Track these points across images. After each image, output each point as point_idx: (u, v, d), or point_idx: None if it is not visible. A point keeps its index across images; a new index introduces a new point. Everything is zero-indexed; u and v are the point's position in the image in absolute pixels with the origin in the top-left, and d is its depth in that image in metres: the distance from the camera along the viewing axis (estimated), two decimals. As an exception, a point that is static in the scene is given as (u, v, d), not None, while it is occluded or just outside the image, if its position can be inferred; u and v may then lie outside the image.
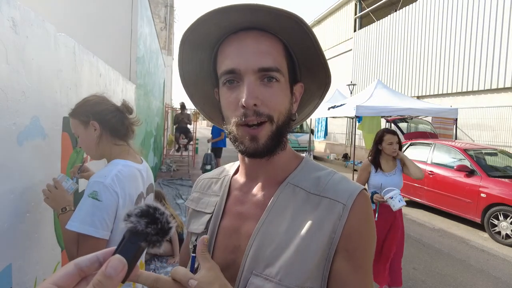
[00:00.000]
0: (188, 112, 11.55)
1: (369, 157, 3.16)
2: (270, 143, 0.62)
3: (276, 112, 0.62)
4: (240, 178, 0.75)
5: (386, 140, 3.07)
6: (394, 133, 3.10)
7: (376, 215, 2.99)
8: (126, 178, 1.26)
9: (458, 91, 10.99)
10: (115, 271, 0.35)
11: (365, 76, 16.11)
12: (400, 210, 3.02)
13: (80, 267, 0.37)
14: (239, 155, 0.73)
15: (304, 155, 0.77)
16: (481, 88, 10.13)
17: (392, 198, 2.80)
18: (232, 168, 0.81)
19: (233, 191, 0.74)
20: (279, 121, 0.63)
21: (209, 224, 0.71)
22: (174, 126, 11.94)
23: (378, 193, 2.96)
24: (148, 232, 0.39)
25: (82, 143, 1.36)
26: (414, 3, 13.17)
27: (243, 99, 0.58)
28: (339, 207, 0.61)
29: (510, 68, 9.24)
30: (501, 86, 9.54)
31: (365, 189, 0.66)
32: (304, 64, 0.69)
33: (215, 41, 0.66)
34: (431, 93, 12.11)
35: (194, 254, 0.58)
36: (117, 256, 0.36)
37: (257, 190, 0.70)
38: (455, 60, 11.10)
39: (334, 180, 0.66)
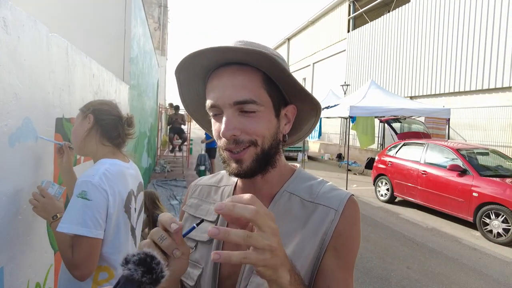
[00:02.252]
0: (182, 112, 11.49)
1: None
2: (254, 165, 0.66)
3: (260, 136, 0.65)
4: (241, 192, 0.77)
5: None
6: None
7: None
8: (114, 176, 1.25)
9: (450, 92, 11.12)
10: None
11: (359, 77, 16.21)
12: None
13: None
14: None
15: (297, 165, 0.82)
16: (473, 88, 10.26)
17: None
18: (232, 178, 0.82)
19: None
20: (264, 144, 0.66)
21: None
22: (168, 127, 11.88)
23: None
24: (143, 281, 0.42)
25: (73, 133, 1.38)
26: (407, 4, 13.30)
27: (221, 132, 0.63)
28: (332, 212, 0.68)
29: (501, 69, 9.37)
30: (492, 86, 9.67)
31: (353, 195, 0.73)
32: (287, 90, 0.71)
33: (204, 75, 0.70)
34: (424, 94, 12.23)
35: (195, 226, 0.55)
36: None
37: None
38: (447, 61, 11.22)
39: (326, 188, 0.73)
